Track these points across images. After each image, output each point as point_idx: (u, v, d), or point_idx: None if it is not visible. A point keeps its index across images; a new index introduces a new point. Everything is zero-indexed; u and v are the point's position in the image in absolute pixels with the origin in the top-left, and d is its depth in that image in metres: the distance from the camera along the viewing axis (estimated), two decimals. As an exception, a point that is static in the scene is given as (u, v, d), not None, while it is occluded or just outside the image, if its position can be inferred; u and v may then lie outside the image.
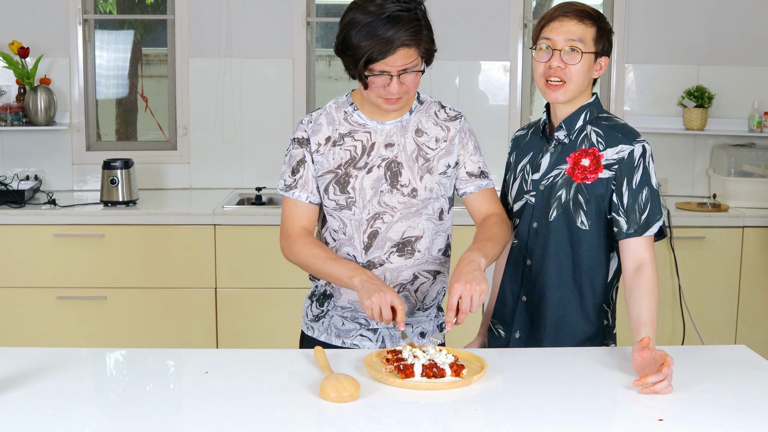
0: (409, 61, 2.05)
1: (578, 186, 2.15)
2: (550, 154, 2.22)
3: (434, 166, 2.20)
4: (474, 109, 4.51)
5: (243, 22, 4.43)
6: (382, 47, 2.01)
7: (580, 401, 1.79)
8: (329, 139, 2.20)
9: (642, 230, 2.11)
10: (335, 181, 2.18)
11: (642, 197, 2.11)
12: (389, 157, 2.18)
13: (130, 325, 3.96)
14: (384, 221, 2.18)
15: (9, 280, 3.92)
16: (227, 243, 3.93)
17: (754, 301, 4.10)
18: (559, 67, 2.11)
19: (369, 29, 2.01)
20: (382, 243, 2.19)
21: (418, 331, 2.29)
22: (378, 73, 2.05)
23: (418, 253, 2.20)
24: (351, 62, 2.07)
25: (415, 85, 2.11)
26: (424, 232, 2.20)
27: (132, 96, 4.68)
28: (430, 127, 2.22)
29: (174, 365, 2.08)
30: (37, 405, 1.72)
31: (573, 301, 2.21)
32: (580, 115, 2.19)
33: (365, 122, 2.20)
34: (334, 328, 2.28)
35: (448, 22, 4.44)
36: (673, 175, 4.55)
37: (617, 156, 2.13)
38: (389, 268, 2.20)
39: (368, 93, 2.11)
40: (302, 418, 1.71)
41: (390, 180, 2.17)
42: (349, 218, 2.19)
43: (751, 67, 4.48)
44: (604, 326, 2.24)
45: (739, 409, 1.76)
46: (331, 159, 2.19)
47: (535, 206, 2.22)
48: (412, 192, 2.18)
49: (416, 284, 2.23)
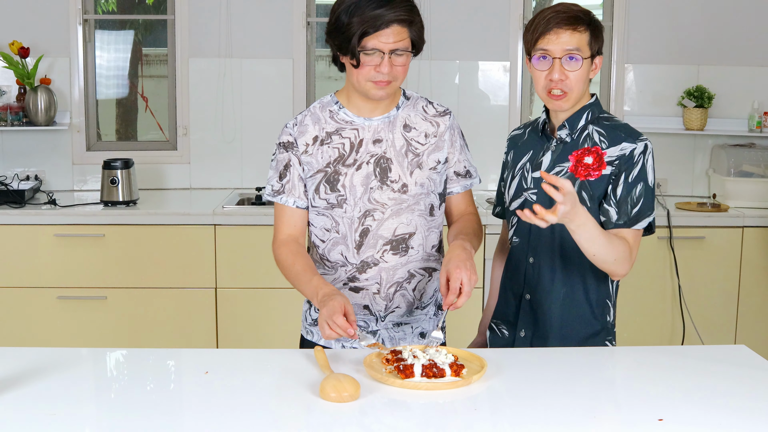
0: (400, 39, 2.07)
1: (582, 183, 2.15)
2: (552, 152, 2.22)
3: (424, 161, 2.20)
4: (474, 109, 4.51)
5: (243, 22, 4.43)
6: (375, 21, 2.04)
7: (580, 401, 1.79)
8: (316, 138, 2.20)
9: (631, 223, 2.12)
10: (325, 180, 2.19)
11: (636, 191, 2.12)
12: (378, 153, 2.18)
13: (130, 325, 3.96)
14: (375, 218, 2.18)
15: (9, 280, 3.92)
16: (227, 243, 3.93)
17: (754, 301, 4.10)
18: (561, 79, 2.11)
19: (363, 6, 2.05)
20: (374, 241, 2.18)
21: (417, 332, 2.29)
22: (370, 51, 2.06)
23: (412, 249, 2.21)
24: (344, 40, 2.07)
25: (404, 70, 2.12)
26: (417, 229, 2.20)
27: (132, 96, 4.68)
28: (418, 122, 2.22)
29: (174, 365, 2.08)
30: (37, 405, 1.72)
31: (579, 297, 2.21)
32: (582, 114, 2.19)
33: (352, 119, 2.20)
34: None
35: (448, 22, 4.44)
36: (673, 175, 4.55)
37: (619, 153, 2.14)
38: (384, 267, 2.20)
39: (357, 77, 2.11)
40: (302, 418, 1.71)
41: (380, 176, 2.17)
42: (341, 216, 2.19)
43: (751, 67, 4.48)
44: (608, 322, 2.24)
45: (739, 409, 1.76)
46: (319, 158, 2.19)
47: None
48: (402, 188, 2.18)
49: (413, 282, 2.23)
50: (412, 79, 4.41)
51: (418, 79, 4.42)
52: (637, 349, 2.21)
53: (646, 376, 1.96)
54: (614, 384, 1.95)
